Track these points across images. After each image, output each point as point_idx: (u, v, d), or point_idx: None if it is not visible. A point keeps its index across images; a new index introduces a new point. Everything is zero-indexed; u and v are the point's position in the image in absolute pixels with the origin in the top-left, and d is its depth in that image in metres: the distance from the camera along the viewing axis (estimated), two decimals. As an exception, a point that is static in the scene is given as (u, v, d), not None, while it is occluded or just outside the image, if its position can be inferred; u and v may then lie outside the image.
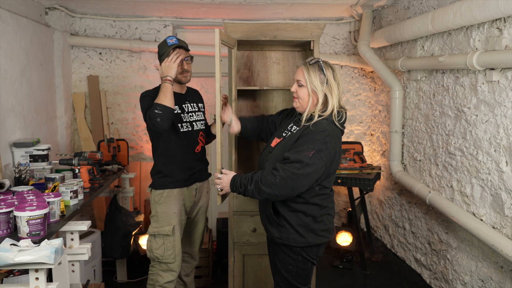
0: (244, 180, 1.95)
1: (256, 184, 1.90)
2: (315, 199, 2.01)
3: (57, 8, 3.88)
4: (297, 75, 2.02)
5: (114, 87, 4.44)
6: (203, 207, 2.89)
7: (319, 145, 1.87)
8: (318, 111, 1.97)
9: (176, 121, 2.59)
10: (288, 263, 2.07)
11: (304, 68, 1.99)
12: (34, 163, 2.98)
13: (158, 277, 2.65)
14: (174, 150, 2.63)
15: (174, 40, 2.55)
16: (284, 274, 2.09)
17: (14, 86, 3.13)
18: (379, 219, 4.53)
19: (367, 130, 4.77)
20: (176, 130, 2.61)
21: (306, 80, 1.97)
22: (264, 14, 4.31)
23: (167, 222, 2.63)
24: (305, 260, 2.06)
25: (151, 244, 2.65)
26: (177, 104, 2.58)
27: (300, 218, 2.01)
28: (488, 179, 2.67)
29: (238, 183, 1.97)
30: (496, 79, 2.55)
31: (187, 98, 2.70)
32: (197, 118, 2.74)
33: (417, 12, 3.47)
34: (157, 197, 2.65)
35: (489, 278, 2.77)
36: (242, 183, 1.95)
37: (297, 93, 2.01)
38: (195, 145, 2.70)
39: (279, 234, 2.05)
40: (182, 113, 2.64)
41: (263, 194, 1.90)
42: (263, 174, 1.90)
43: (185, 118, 2.65)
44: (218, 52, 2.37)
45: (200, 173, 2.78)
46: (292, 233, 2.02)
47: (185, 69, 2.59)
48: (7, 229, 1.99)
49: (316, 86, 1.95)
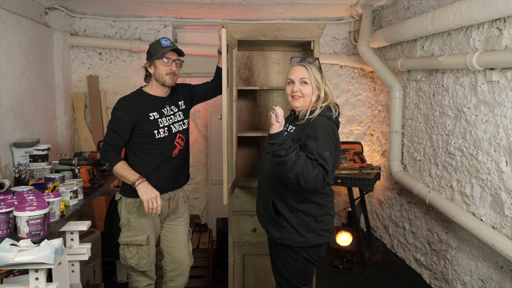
0: (292, 145, 1.89)
1: (298, 160, 1.85)
2: (316, 198, 2.03)
3: (57, 8, 3.88)
4: (299, 74, 2.07)
5: (114, 87, 4.44)
6: (182, 218, 2.71)
7: (329, 143, 1.95)
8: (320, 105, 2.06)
9: (153, 127, 2.46)
10: (289, 264, 2.07)
11: (307, 67, 2.07)
12: (34, 163, 2.98)
13: (137, 283, 2.62)
14: (147, 158, 2.49)
15: (168, 42, 2.48)
16: (285, 275, 2.10)
17: (14, 86, 3.13)
18: (379, 219, 4.53)
19: (367, 130, 4.77)
20: (150, 137, 2.47)
21: (310, 78, 2.05)
22: (264, 14, 4.31)
23: (141, 232, 2.52)
24: (306, 261, 2.07)
25: (125, 253, 2.55)
26: (156, 109, 2.49)
27: (300, 218, 2.03)
28: (488, 179, 2.68)
29: (286, 141, 1.87)
30: (496, 79, 2.56)
31: (167, 101, 2.57)
32: (176, 119, 2.58)
33: (417, 12, 3.47)
34: (128, 206, 2.52)
35: (489, 278, 2.77)
36: (290, 145, 1.87)
37: (302, 91, 2.06)
38: (171, 150, 2.54)
39: (279, 234, 2.06)
40: (160, 118, 2.50)
41: (293, 172, 1.85)
42: (306, 160, 1.87)
43: (163, 122, 2.50)
44: (225, 51, 2.38)
45: (175, 181, 2.61)
46: (293, 233, 2.03)
47: (173, 71, 2.48)
48: (7, 229, 1.98)
49: (319, 83, 2.06)
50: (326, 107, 2.06)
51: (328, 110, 2.05)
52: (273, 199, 2.07)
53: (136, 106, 2.47)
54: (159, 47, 2.47)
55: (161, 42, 2.48)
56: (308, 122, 2.01)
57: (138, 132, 2.47)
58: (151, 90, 2.55)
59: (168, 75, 2.48)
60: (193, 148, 4.57)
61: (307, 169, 1.84)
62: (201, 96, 2.78)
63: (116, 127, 2.44)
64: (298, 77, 2.06)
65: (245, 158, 3.30)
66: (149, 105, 2.50)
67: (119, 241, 2.58)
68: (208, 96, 2.81)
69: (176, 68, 2.51)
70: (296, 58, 2.15)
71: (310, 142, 1.92)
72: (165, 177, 2.54)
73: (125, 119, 2.43)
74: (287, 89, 2.12)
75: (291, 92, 2.09)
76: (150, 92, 2.54)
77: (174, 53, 2.50)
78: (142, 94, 2.54)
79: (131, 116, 2.43)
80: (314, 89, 2.06)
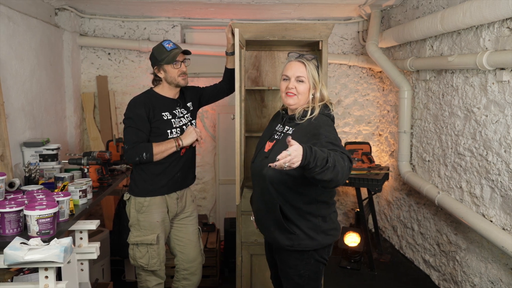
0: (321, 152, 1.61)
1: (334, 162, 1.64)
2: (322, 196, 1.98)
3: (66, 9, 3.91)
4: (295, 71, 1.99)
5: (123, 87, 4.46)
6: (191, 217, 2.74)
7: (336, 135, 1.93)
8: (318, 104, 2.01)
9: (167, 127, 2.51)
10: (300, 268, 2.01)
11: (305, 64, 1.99)
12: (44, 163, 3.01)
13: (147, 283, 2.63)
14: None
15: (171, 44, 2.50)
16: (296, 280, 2.03)
17: (24, 86, 3.17)
18: (387, 219, 4.51)
19: (375, 130, 4.74)
20: (162, 136, 2.50)
21: (308, 76, 1.98)
22: (272, 14, 4.30)
23: (151, 231, 2.53)
24: (317, 263, 2.02)
25: (134, 253, 2.56)
26: (168, 110, 2.54)
27: (309, 220, 1.97)
28: (498, 180, 2.65)
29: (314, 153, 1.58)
30: (507, 79, 2.53)
31: (178, 103, 2.60)
32: (186, 121, 2.63)
33: (426, 11, 3.45)
34: (138, 205, 2.53)
35: (499, 280, 2.74)
36: (320, 155, 1.60)
37: (297, 89, 1.99)
38: (180, 149, 2.56)
39: (289, 241, 1.97)
40: (173, 119, 2.55)
41: (333, 173, 1.64)
42: (336, 155, 1.69)
43: (175, 123, 2.55)
44: (238, 51, 2.38)
45: (182, 181, 2.64)
46: (303, 238, 1.96)
47: (184, 71, 2.53)
48: (17, 227, 2.01)
49: (316, 81, 2.00)
50: (324, 105, 2.02)
51: (325, 108, 2.02)
52: (280, 204, 1.96)
53: (151, 104, 2.49)
54: (165, 51, 2.49)
55: (165, 46, 2.50)
56: (310, 122, 1.96)
57: (152, 131, 2.49)
58: (162, 92, 2.58)
59: (181, 76, 2.53)
60: (201, 148, 4.58)
61: (341, 163, 1.67)
62: (209, 98, 2.82)
63: (137, 125, 2.44)
64: (294, 74, 1.98)
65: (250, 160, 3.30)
66: (161, 105, 2.53)
67: (128, 241, 2.59)
68: (215, 98, 2.83)
69: (186, 68, 2.56)
70: (293, 54, 2.05)
71: (321, 138, 1.84)
72: (174, 176, 2.57)
73: (144, 116, 2.45)
74: (282, 85, 2.03)
75: (285, 88, 2.00)
76: (162, 93, 2.57)
77: (180, 54, 2.53)
78: (154, 94, 2.57)
79: (148, 113, 2.47)
80: (311, 88, 1.99)
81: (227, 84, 2.80)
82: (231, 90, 2.73)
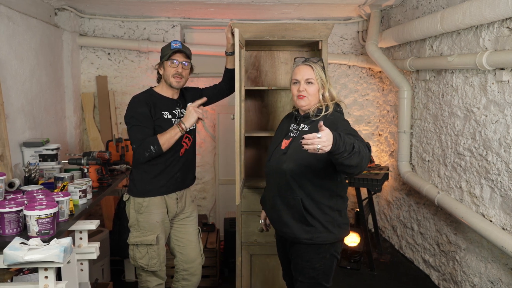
0: (348, 138, 1.73)
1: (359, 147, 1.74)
2: (339, 190, 2.08)
3: (66, 9, 3.91)
4: (304, 74, 2.10)
5: (123, 87, 4.46)
6: (191, 217, 2.74)
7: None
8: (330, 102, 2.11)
9: (168, 126, 2.48)
10: (315, 262, 2.06)
11: (312, 66, 2.11)
12: (44, 163, 3.01)
13: (147, 283, 2.62)
14: (157, 158, 2.48)
15: (178, 44, 2.50)
16: (311, 274, 2.08)
17: (24, 86, 3.16)
18: (387, 219, 4.51)
19: (375, 130, 4.74)
20: None
21: (316, 77, 2.09)
22: (271, 14, 4.31)
23: (150, 232, 2.52)
24: (332, 257, 2.09)
25: (134, 253, 2.55)
26: (168, 109, 2.53)
27: (328, 214, 2.04)
28: (498, 180, 2.65)
29: (343, 139, 1.70)
30: (506, 79, 2.53)
31: (177, 103, 2.59)
32: None
33: (425, 11, 3.45)
34: (137, 206, 2.52)
35: (498, 279, 2.74)
36: (347, 140, 1.71)
37: (307, 91, 2.09)
38: (179, 149, 2.55)
39: (308, 235, 2.04)
40: (173, 118, 2.53)
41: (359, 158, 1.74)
42: (358, 141, 1.80)
43: (175, 123, 2.50)
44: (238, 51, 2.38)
45: (182, 181, 2.63)
46: (321, 231, 2.03)
47: (179, 72, 2.48)
48: (17, 228, 2.01)
49: (324, 81, 2.11)
50: (335, 104, 2.13)
51: (337, 106, 2.14)
52: (301, 198, 2.02)
53: (152, 103, 2.49)
54: (168, 49, 2.50)
55: (171, 44, 2.51)
56: (325, 118, 2.04)
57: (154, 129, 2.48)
58: (161, 91, 2.57)
59: (174, 77, 2.49)
60: (201, 148, 4.58)
61: (364, 150, 1.79)
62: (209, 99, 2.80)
63: (141, 122, 2.43)
64: (303, 77, 2.09)
65: (252, 158, 3.31)
66: (161, 104, 2.52)
67: (128, 242, 2.58)
68: (215, 98, 2.83)
69: (183, 70, 2.51)
70: (300, 58, 2.18)
71: (340, 130, 1.86)
72: (173, 176, 2.56)
73: (147, 113, 2.44)
74: (293, 89, 2.14)
75: (297, 91, 2.11)
76: (161, 93, 2.57)
77: (182, 55, 2.51)
78: (154, 93, 2.57)
79: (150, 111, 2.46)
80: (320, 88, 2.10)
81: (227, 85, 2.80)
82: (231, 90, 2.73)
